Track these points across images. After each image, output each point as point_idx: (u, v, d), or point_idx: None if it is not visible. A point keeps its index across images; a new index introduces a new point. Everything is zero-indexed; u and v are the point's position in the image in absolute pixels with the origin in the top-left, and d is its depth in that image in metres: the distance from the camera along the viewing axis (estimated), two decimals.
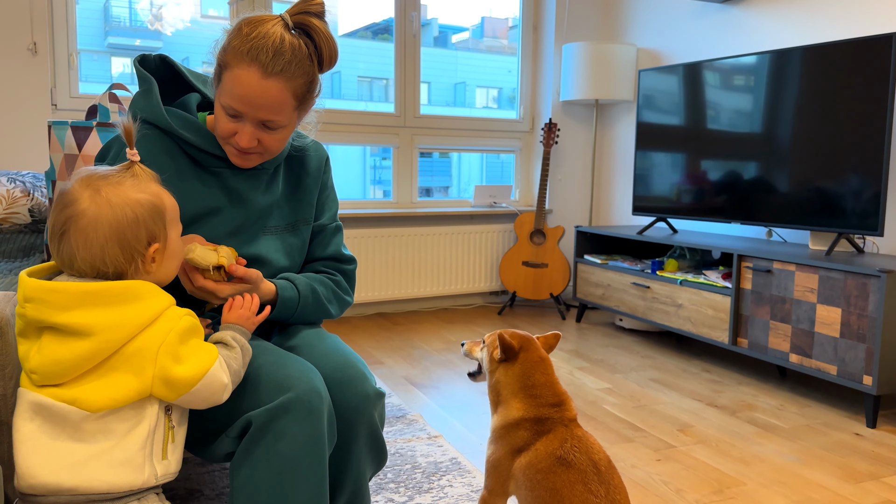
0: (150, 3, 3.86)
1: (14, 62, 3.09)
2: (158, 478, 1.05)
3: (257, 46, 1.18)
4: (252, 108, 1.21)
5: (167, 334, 1.02)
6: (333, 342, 1.38)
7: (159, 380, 1.01)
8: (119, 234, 1.02)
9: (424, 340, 3.47)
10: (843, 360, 2.48)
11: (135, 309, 1.00)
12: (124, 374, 1.00)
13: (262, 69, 1.18)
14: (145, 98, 1.30)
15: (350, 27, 4.71)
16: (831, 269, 2.51)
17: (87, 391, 0.99)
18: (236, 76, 1.19)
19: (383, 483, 1.90)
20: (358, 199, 4.11)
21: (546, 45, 4.37)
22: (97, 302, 0.99)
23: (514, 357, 1.41)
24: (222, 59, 1.21)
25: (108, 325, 0.98)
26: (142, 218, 1.05)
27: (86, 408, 0.98)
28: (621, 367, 3.09)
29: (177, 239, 1.12)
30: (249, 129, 1.23)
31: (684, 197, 3.38)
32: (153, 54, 1.37)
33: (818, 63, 2.74)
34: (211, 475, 1.89)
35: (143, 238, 1.05)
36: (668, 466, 2.07)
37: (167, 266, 1.11)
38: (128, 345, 1.00)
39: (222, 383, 1.07)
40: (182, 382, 1.02)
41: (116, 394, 0.99)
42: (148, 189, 1.07)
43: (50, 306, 0.98)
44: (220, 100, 1.23)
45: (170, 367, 1.01)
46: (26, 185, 2.53)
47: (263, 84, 1.19)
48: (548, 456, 1.29)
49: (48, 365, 0.98)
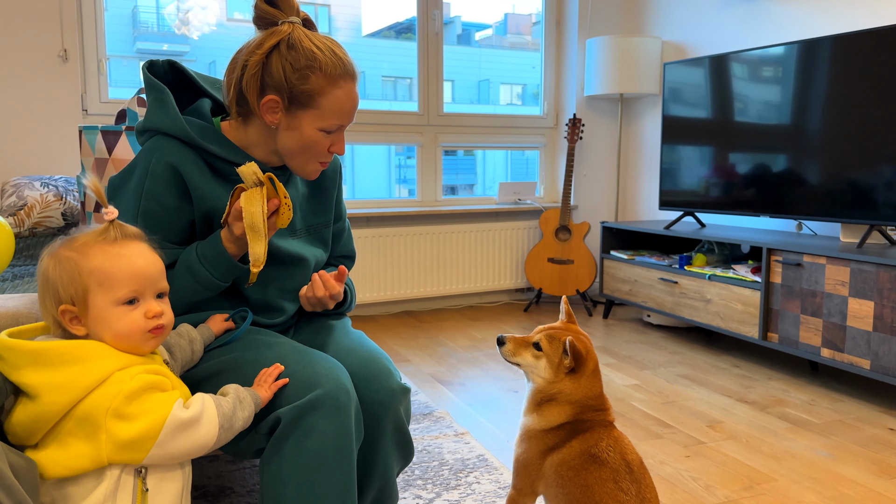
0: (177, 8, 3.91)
1: (45, 69, 3.15)
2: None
3: (346, 63, 1.25)
4: (353, 116, 1.30)
5: (115, 397, 0.95)
6: (359, 338, 1.40)
7: (113, 445, 0.95)
8: (41, 293, 1.02)
9: (450, 338, 3.48)
10: (876, 354, 2.43)
11: (78, 370, 0.96)
12: (77, 440, 0.95)
13: (353, 77, 1.28)
14: (162, 108, 1.28)
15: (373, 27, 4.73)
16: (863, 261, 2.47)
17: (45, 456, 0.96)
18: (342, 96, 1.26)
19: (411, 480, 1.91)
20: (383, 199, 4.13)
21: (570, 39, 4.35)
22: (42, 362, 0.96)
23: (581, 367, 1.32)
24: (308, 88, 1.23)
25: (50, 386, 0.94)
26: (51, 278, 1.00)
27: (42, 473, 0.95)
28: (649, 363, 3.07)
29: (104, 308, 1.01)
30: (342, 135, 1.32)
31: (712, 190, 3.34)
32: (161, 60, 1.37)
33: (848, 52, 2.69)
34: (241, 472, 1.92)
35: (47, 302, 1.01)
36: (697, 462, 2.05)
37: (98, 333, 1.01)
38: (76, 408, 0.95)
39: (180, 421, 0.99)
40: (137, 441, 0.96)
41: (70, 461, 0.95)
42: (85, 250, 1.01)
43: (7, 364, 0.97)
44: (319, 125, 1.26)
45: (119, 430, 0.95)
46: (59, 190, 2.59)
47: (356, 89, 1.29)
48: (581, 454, 1.28)
49: (13, 425, 0.98)
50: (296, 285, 1.44)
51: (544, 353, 1.33)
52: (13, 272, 2.06)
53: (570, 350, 1.29)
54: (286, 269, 1.41)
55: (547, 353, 1.32)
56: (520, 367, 1.36)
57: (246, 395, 1.12)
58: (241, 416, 1.09)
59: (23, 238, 2.47)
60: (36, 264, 2.22)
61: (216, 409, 1.05)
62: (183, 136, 1.26)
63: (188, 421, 1.00)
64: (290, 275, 1.42)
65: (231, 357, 1.25)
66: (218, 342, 1.30)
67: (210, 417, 1.04)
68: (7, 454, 0.90)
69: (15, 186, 2.57)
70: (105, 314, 1.01)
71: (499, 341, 1.37)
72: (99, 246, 1.01)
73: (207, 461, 1.98)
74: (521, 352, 1.35)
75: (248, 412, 1.11)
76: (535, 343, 1.34)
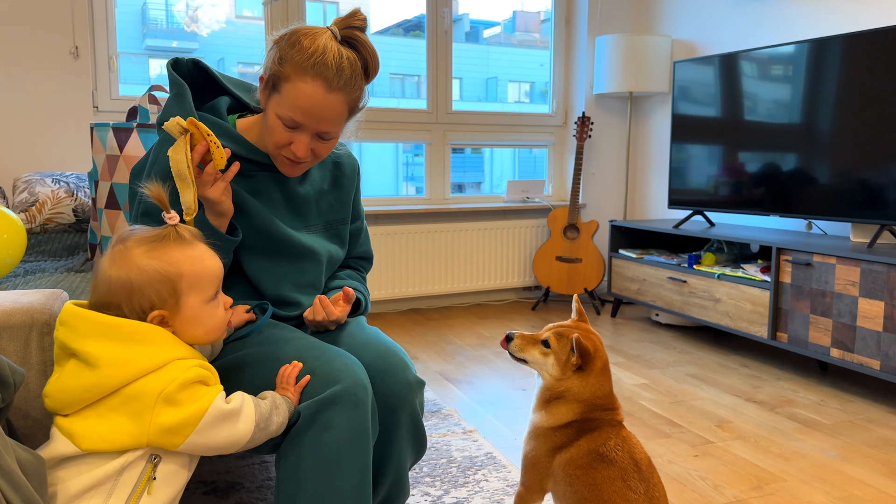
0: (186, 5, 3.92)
1: (57, 66, 3.17)
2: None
3: (321, 62, 1.20)
4: (314, 121, 1.24)
5: (169, 383, 0.99)
6: (374, 332, 1.42)
7: (157, 427, 0.98)
8: (123, 297, 1.03)
9: (458, 336, 3.48)
10: (886, 355, 2.42)
11: (143, 351, 1.00)
12: (121, 417, 0.98)
13: (327, 84, 1.21)
14: (179, 104, 1.31)
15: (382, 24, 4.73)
16: (874, 261, 2.45)
17: (82, 426, 0.99)
18: (300, 90, 1.21)
19: (419, 477, 1.91)
20: (391, 196, 4.13)
21: (579, 37, 4.34)
22: (111, 336, 1.00)
23: (589, 365, 1.32)
24: (279, 71, 1.22)
25: (112, 360, 0.98)
26: (137, 285, 1.03)
27: (77, 444, 0.98)
28: (658, 362, 3.06)
29: (195, 305, 1.08)
30: (306, 139, 1.26)
31: (721, 190, 3.33)
32: (186, 59, 1.40)
33: (859, 51, 2.68)
34: (251, 468, 1.93)
35: (140, 305, 1.04)
36: (705, 462, 2.05)
37: (187, 331, 1.08)
38: (129, 386, 0.98)
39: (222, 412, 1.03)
40: (179, 426, 0.99)
41: (111, 436, 0.98)
42: (164, 256, 1.05)
43: (74, 331, 1.01)
44: (278, 111, 1.24)
45: (165, 414, 0.99)
46: (70, 186, 2.60)
47: (327, 98, 1.22)
48: (589, 452, 1.28)
49: (58, 391, 1.00)
50: (309, 279, 1.45)
51: (552, 350, 1.33)
52: (25, 268, 2.08)
53: (576, 347, 1.29)
54: (297, 262, 1.42)
55: (555, 350, 1.32)
56: (527, 363, 1.37)
57: (282, 403, 1.15)
58: (276, 421, 1.13)
59: (34, 234, 2.48)
60: (47, 260, 2.23)
61: (254, 408, 1.09)
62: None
63: (228, 413, 1.05)
64: (301, 269, 1.43)
65: (251, 352, 1.26)
66: (238, 334, 1.32)
67: (248, 414, 1.08)
68: (15, 450, 0.90)
69: (27, 183, 2.58)
70: (199, 313, 1.08)
71: (507, 338, 1.37)
72: (176, 250, 1.07)
73: (217, 456, 1.99)
74: (529, 349, 1.35)
75: (282, 418, 1.14)
76: (543, 340, 1.34)
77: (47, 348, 1.19)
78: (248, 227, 1.35)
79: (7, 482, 0.84)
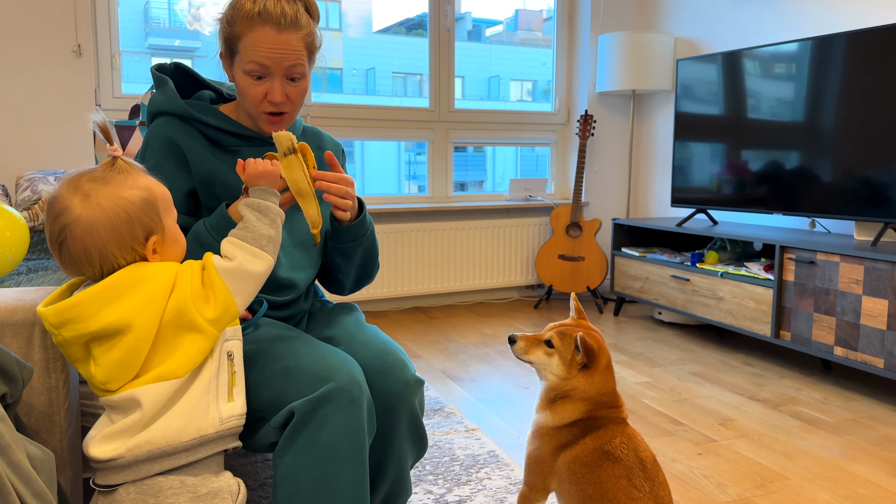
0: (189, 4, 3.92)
1: (60, 64, 3.17)
2: (223, 419, 1.07)
3: (264, 11, 1.28)
4: (277, 62, 1.30)
5: (191, 285, 1.05)
6: (373, 331, 1.42)
7: (212, 322, 1.06)
8: (115, 235, 1.03)
9: (461, 334, 3.48)
10: (890, 353, 2.42)
11: (149, 286, 1.02)
12: (184, 338, 1.04)
13: (276, 27, 1.29)
14: (163, 94, 1.39)
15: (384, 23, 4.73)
16: (877, 259, 2.45)
17: (171, 363, 1.03)
18: (255, 39, 1.29)
19: (422, 475, 1.91)
20: (393, 194, 4.13)
21: (581, 35, 4.33)
22: (118, 295, 1.01)
23: (594, 363, 1.31)
24: (231, 33, 1.31)
25: (137, 309, 1.00)
26: (135, 215, 1.05)
27: (176, 376, 1.03)
28: (661, 360, 3.06)
29: (173, 225, 1.13)
30: (278, 84, 1.32)
31: (724, 188, 3.33)
32: (168, 62, 1.47)
33: (862, 49, 2.67)
34: (253, 466, 1.93)
35: (139, 234, 1.06)
36: (709, 460, 2.05)
37: (169, 254, 1.12)
38: (164, 318, 1.02)
39: (231, 270, 1.09)
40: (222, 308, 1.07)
41: (193, 350, 1.04)
42: (136, 183, 1.07)
43: (80, 320, 0.99)
44: (244, 67, 1.31)
45: (207, 309, 1.05)
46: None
47: (280, 39, 1.29)
48: (595, 451, 1.28)
49: (111, 370, 1.01)
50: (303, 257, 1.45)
51: (556, 349, 1.32)
52: (28, 266, 2.08)
53: (581, 346, 1.28)
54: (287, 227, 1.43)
55: (559, 349, 1.32)
56: (532, 365, 1.36)
57: (260, 202, 1.16)
58: (267, 223, 1.15)
59: (37, 232, 2.49)
60: (49, 258, 2.23)
61: (244, 243, 1.12)
62: (180, 112, 1.36)
63: (236, 268, 1.10)
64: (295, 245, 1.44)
65: (245, 350, 1.26)
66: None
67: (247, 252, 1.11)
68: (26, 445, 0.90)
69: (29, 181, 2.58)
70: (175, 233, 1.13)
71: (510, 340, 1.36)
72: (140, 177, 1.09)
73: None
74: (533, 350, 1.34)
75: (271, 213, 1.16)
76: (546, 340, 1.33)
77: (50, 345, 1.19)
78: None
79: (18, 476, 0.84)
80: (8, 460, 0.83)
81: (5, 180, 3.09)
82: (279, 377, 1.21)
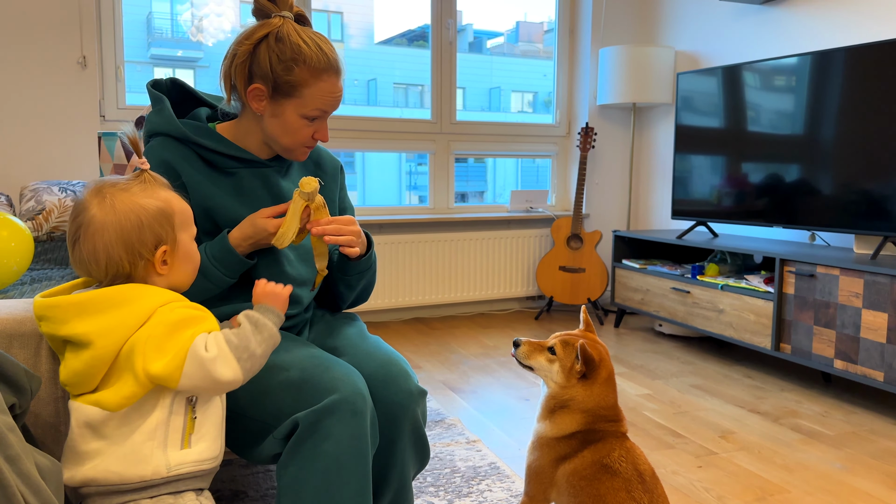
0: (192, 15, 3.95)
1: (65, 75, 3.19)
2: (171, 467, 1.04)
3: (324, 59, 1.31)
4: (335, 105, 1.36)
5: (155, 327, 1.01)
6: (376, 342, 1.43)
7: (143, 374, 1.00)
8: (124, 237, 1.05)
9: (462, 345, 3.49)
10: (890, 366, 2.42)
11: (125, 312, 1.02)
12: (127, 374, 1.01)
13: (337, 73, 1.34)
14: (159, 114, 1.38)
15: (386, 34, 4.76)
16: (877, 273, 2.46)
17: (107, 395, 1.02)
18: (323, 88, 1.32)
19: (423, 486, 1.92)
20: (394, 205, 4.14)
21: (582, 48, 4.36)
22: (90, 311, 1.01)
23: (593, 373, 1.32)
24: (290, 78, 1.30)
25: (100, 331, 1.00)
26: (146, 222, 1.07)
27: (106, 408, 1.02)
28: (661, 372, 3.06)
29: (188, 242, 1.13)
30: (326, 122, 1.38)
31: (725, 200, 3.34)
32: (164, 78, 1.48)
33: (862, 63, 2.69)
34: (255, 477, 1.93)
35: (148, 241, 1.07)
36: (709, 473, 2.05)
37: (181, 269, 1.12)
38: (125, 346, 1.01)
39: (200, 360, 1.02)
40: (166, 372, 1.00)
41: (126, 391, 1.01)
42: (155, 194, 1.09)
43: (54, 321, 1.03)
44: (303, 112, 1.33)
45: (150, 361, 1.00)
46: (77, 195, 2.61)
47: (339, 84, 1.36)
48: (593, 463, 1.29)
49: (70, 376, 1.03)
50: (303, 274, 1.46)
51: (558, 357, 1.35)
52: (31, 276, 2.09)
53: (581, 354, 1.30)
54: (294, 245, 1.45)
55: (560, 357, 1.34)
56: (533, 370, 1.38)
57: (259, 317, 1.11)
58: (258, 340, 1.08)
59: (41, 242, 2.50)
60: (53, 268, 2.24)
61: (227, 346, 1.05)
62: (177, 134, 1.36)
63: (208, 360, 1.03)
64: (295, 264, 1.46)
65: None
66: None
67: (226, 357, 1.04)
68: (34, 455, 0.91)
69: (34, 191, 2.60)
70: (189, 249, 1.14)
71: (515, 344, 1.40)
72: (161, 190, 1.11)
73: (221, 466, 1.99)
74: (536, 355, 1.38)
75: (268, 331, 1.10)
76: (549, 347, 1.37)
77: (57, 357, 1.20)
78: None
79: (27, 487, 0.85)
80: (18, 471, 0.84)
81: (10, 190, 3.10)
82: (283, 388, 1.22)
